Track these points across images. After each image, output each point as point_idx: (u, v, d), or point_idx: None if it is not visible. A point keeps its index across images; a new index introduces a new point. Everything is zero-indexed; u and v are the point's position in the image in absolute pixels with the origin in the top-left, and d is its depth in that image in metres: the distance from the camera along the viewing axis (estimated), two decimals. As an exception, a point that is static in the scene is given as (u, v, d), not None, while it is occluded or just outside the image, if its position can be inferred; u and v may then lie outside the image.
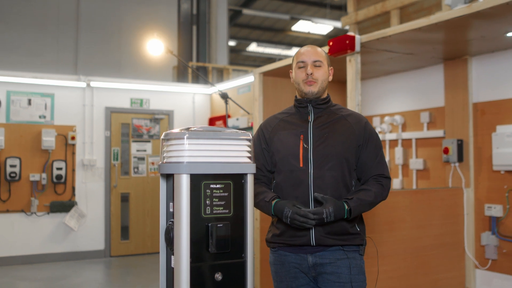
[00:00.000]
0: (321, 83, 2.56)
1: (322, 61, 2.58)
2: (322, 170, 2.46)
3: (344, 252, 2.49)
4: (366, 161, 2.54)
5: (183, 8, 11.40)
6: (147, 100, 8.60)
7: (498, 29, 3.99)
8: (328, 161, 2.46)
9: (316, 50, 2.60)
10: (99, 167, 8.18)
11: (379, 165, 2.56)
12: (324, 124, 2.55)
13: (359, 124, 2.56)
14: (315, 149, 2.49)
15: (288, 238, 2.51)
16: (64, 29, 11.38)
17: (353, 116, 2.60)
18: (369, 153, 2.54)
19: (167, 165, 2.03)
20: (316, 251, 2.48)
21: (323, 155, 2.47)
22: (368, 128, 2.57)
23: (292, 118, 2.63)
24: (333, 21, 16.30)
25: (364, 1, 6.49)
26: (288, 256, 2.54)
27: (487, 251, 4.62)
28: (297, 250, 2.51)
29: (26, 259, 7.64)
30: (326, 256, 2.47)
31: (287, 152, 2.53)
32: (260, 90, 5.43)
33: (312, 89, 2.54)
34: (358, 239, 2.53)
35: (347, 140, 2.50)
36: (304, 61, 2.57)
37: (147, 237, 8.51)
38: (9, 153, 7.55)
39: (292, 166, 2.50)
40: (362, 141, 2.53)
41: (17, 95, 7.69)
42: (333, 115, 2.58)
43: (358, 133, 2.53)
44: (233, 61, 20.10)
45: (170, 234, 2.04)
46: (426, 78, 5.42)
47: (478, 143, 4.80)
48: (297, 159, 2.49)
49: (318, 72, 2.55)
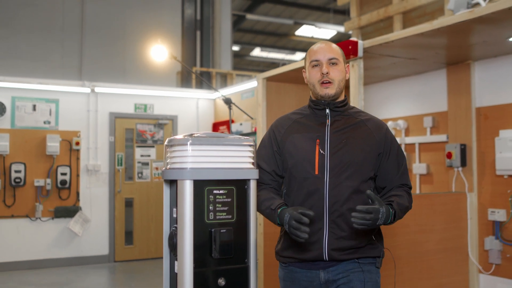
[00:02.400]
0: (338, 84, 2.34)
1: (338, 58, 2.36)
2: (339, 178, 2.25)
3: (359, 265, 2.28)
4: (388, 171, 2.35)
5: (187, 14, 11.44)
6: (151, 106, 8.63)
7: (500, 34, 4.00)
8: (346, 169, 2.26)
9: (331, 46, 2.38)
10: (103, 172, 8.21)
11: (403, 176, 2.39)
12: (342, 128, 2.33)
13: (380, 131, 2.36)
14: (332, 156, 2.27)
15: (299, 253, 2.30)
16: (68, 34, 11.43)
17: (373, 122, 2.39)
18: (391, 162, 2.36)
19: (171, 171, 2.05)
20: (328, 266, 2.28)
21: (341, 163, 2.26)
22: (389, 136, 2.38)
23: (307, 120, 2.41)
24: (336, 25, 16.32)
25: (367, 6, 6.51)
26: (298, 273, 2.33)
27: (491, 255, 4.61)
28: (309, 266, 2.30)
29: (31, 264, 7.66)
30: (339, 270, 2.27)
31: (301, 157, 2.31)
32: (263, 95, 5.45)
33: (329, 92, 2.33)
34: (376, 250, 2.33)
35: (367, 148, 2.31)
36: (318, 59, 2.35)
37: (151, 242, 8.52)
38: (14, 159, 7.58)
39: (307, 173, 2.29)
40: (383, 149, 2.34)
41: (22, 101, 7.73)
42: (352, 119, 2.37)
43: (379, 140, 2.34)
44: (237, 66, 20.12)
45: (174, 240, 2.05)
46: (429, 83, 5.42)
47: (481, 147, 4.80)
48: (313, 166, 2.28)
49: (334, 71, 2.33)
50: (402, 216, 2.28)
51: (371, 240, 2.32)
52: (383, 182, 2.37)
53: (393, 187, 2.36)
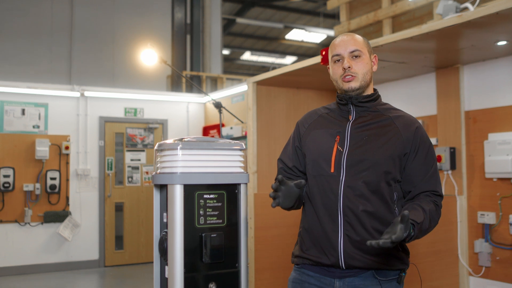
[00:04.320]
0: (363, 77, 2.18)
1: (361, 50, 2.19)
2: (355, 178, 2.09)
3: (378, 281, 2.10)
4: (414, 174, 2.14)
5: (177, 18, 11.44)
6: (141, 110, 8.61)
7: (488, 38, 4.03)
8: (364, 169, 2.09)
9: (354, 38, 2.21)
10: (93, 176, 8.17)
11: (432, 180, 2.14)
12: (366, 125, 2.18)
13: (409, 129, 2.15)
14: (350, 153, 2.12)
15: (316, 255, 2.17)
16: (57, 38, 11.38)
17: (403, 119, 2.20)
18: (418, 164, 2.13)
19: (161, 176, 2.04)
20: (345, 275, 2.10)
21: (358, 161, 2.10)
22: (419, 134, 2.16)
23: (331, 115, 2.28)
24: (326, 29, 16.39)
25: (356, 11, 6.54)
26: (311, 277, 2.19)
27: (481, 258, 4.64)
28: (324, 272, 2.15)
29: (20, 269, 7.60)
30: (356, 282, 2.10)
31: (318, 154, 2.19)
32: (253, 99, 5.45)
33: (352, 85, 2.17)
34: (400, 262, 2.14)
35: (391, 147, 2.11)
36: (339, 53, 2.20)
37: (142, 246, 8.49)
38: (3, 163, 7.53)
39: (322, 171, 2.16)
40: (410, 149, 2.13)
41: (10, 105, 7.69)
42: (379, 116, 2.21)
43: (405, 139, 2.13)
44: (227, 70, 20.14)
45: (164, 245, 2.05)
46: (418, 86, 5.45)
47: (470, 151, 4.83)
48: (328, 163, 2.14)
49: (357, 64, 2.18)
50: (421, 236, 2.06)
51: (395, 249, 2.13)
52: (408, 185, 2.16)
53: (419, 192, 2.14)
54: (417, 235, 2.00)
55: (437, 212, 2.12)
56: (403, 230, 1.84)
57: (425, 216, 2.02)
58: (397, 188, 2.15)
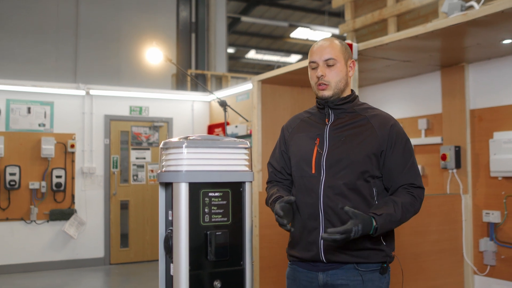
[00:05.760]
0: (335, 85, 2.27)
1: (336, 58, 2.26)
2: (334, 178, 2.19)
3: (358, 273, 2.19)
4: (392, 169, 2.22)
5: (182, 16, 11.44)
6: (146, 108, 8.62)
7: (494, 36, 4.02)
8: (342, 168, 2.19)
9: (331, 45, 2.28)
10: (99, 175, 8.20)
11: (409, 173, 2.22)
12: (343, 126, 2.27)
13: (384, 127, 2.24)
14: (328, 154, 2.22)
15: (300, 251, 2.29)
16: (63, 36, 11.41)
17: (379, 117, 2.28)
18: (395, 159, 2.22)
19: (166, 174, 2.05)
20: (328, 268, 2.21)
21: (336, 161, 2.20)
22: (394, 131, 2.24)
23: (312, 118, 2.39)
24: (331, 28, 16.36)
25: (361, 9, 6.52)
26: (300, 272, 2.31)
27: (486, 257, 4.63)
28: (310, 267, 2.27)
29: (26, 267, 7.64)
30: (338, 275, 2.20)
31: (300, 156, 2.31)
32: (258, 98, 5.46)
33: (325, 93, 2.28)
34: (380, 256, 2.22)
35: (367, 145, 2.20)
36: (315, 61, 2.29)
37: (147, 244, 8.51)
38: (9, 161, 7.56)
39: (304, 172, 2.27)
40: (386, 146, 2.21)
41: (16, 104, 7.72)
42: (356, 117, 2.29)
43: (381, 137, 2.21)
44: (232, 68, 20.14)
45: (169, 242, 2.06)
46: (424, 85, 5.45)
47: (475, 149, 4.83)
48: (310, 165, 2.25)
49: (331, 72, 2.26)
50: (391, 227, 2.17)
51: (377, 243, 2.22)
52: (388, 181, 2.24)
53: (398, 186, 2.23)
54: (384, 226, 2.11)
55: (412, 203, 2.20)
56: (352, 224, 2.00)
57: (396, 208, 2.14)
58: (376, 183, 2.24)
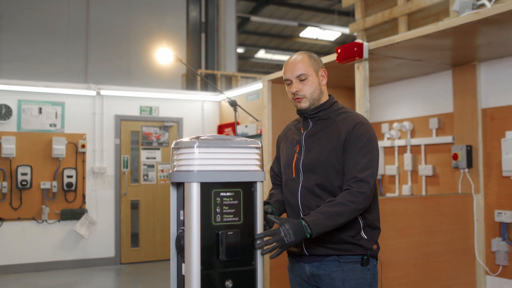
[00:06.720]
0: (310, 96, 2.43)
1: (307, 72, 2.42)
2: (309, 180, 2.39)
3: (339, 264, 2.34)
4: (345, 165, 2.31)
5: (192, 16, 11.47)
6: (156, 108, 8.65)
7: (506, 35, 3.99)
8: (314, 170, 2.37)
9: (300, 61, 2.45)
10: (109, 174, 8.23)
11: (358, 168, 2.27)
12: (315, 133, 2.44)
13: (348, 126, 2.35)
14: (304, 159, 2.42)
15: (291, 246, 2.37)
16: (73, 37, 11.48)
17: (347, 119, 2.39)
18: (351, 156, 2.30)
19: (178, 174, 2.06)
20: (312, 260, 2.40)
21: (310, 165, 2.39)
22: (356, 130, 2.33)
23: (298, 127, 2.58)
24: (341, 27, 16.31)
25: (371, 8, 6.51)
26: (294, 264, 2.52)
27: (498, 257, 4.60)
28: (298, 259, 2.48)
29: (37, 266, 7.69)
30: (321, 267, 2.37)
31: (285, 162, 2.53)
32: (268, 97, 5.45)
33: (302, 105, 2.45)
34: (360, 249, 2.34)
35: (332, 146, 2.34)
36: (287, 78, 2.48)
37: (157, 244, 8.53)
38: (20, 161, 7.61)
39: (287, 176, 2.50)
40: (346, 144, 2.32)
41: (28, 104, 7.77)
42: (328, 122, 2.44)
43: (343, 135, 2.34)
44: (241, 68, 20.15)
45: (181, 242, 2.06)
46: (435, 84, 5.42)
47: (487, 149, 4.79)
48: (291, 169, 2.47)
49: (304, 87, 2.43)
50: (330, 224, 2.19)
51: (356, 236, 2.34)
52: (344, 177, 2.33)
53: (346, 183, 2.28)
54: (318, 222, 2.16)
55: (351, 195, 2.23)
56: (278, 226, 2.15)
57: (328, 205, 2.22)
58: None
